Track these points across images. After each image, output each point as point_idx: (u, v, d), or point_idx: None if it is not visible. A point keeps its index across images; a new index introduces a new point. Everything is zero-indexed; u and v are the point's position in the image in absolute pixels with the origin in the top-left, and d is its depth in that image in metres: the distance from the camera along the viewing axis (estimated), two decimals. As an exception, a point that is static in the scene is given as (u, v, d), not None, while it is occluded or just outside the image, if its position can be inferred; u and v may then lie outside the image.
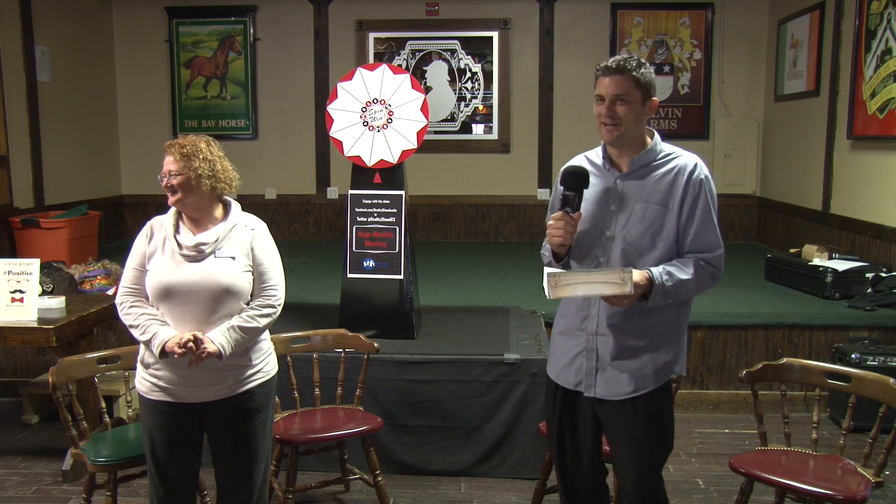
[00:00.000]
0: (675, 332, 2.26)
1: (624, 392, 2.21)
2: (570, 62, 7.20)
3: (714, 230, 2.18)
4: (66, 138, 6.52)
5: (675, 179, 2.17)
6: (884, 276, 4.63)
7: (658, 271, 2.11)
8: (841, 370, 2.71)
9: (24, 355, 4.50)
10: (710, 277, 2.19)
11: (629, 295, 2.04)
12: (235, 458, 2.45)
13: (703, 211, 2.16)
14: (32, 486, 3.46)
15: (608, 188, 2.23)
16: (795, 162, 6.45)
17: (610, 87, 2.15)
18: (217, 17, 7.41)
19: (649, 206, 2.17)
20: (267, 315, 2.43)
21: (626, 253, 2.17)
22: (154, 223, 2.46)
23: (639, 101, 2.15)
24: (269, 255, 2.49)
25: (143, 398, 2.43)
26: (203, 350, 2.30)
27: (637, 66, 2.15)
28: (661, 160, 2.21)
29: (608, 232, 2.21)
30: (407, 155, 3.86)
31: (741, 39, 7.15)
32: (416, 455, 3.57)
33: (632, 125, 2.16)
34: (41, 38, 6.15)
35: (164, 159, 2.40)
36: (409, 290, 3.90)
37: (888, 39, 4.90)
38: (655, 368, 2.22)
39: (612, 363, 2.21)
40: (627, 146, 2.21)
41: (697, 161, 2.21)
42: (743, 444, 3.89)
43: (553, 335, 2.41)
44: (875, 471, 2.51)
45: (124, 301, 2.41)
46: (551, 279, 2.05)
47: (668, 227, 2.17)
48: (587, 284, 2.05)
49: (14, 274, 3.38)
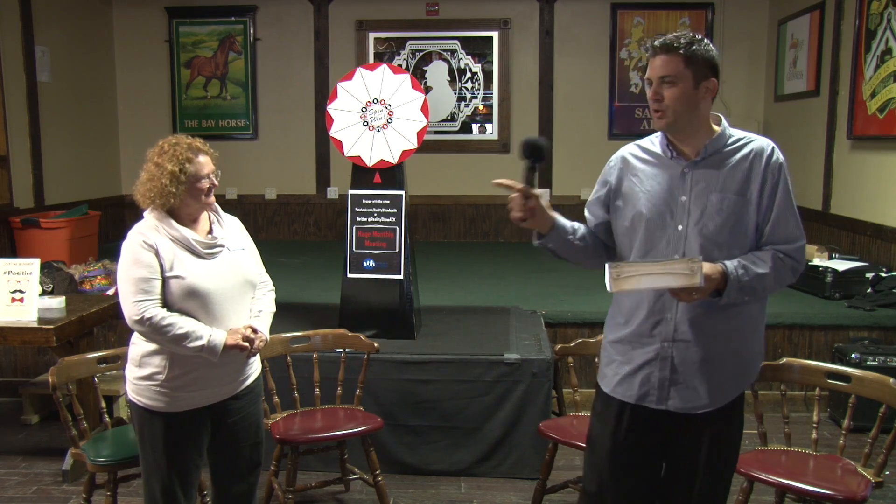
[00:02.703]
0: (754, 335, 2.08)
1: (700, 405, 2.01)
2: (570, 62, 7.20)
3: (795, 219, 1.99)
4: (66, 138, 6.52)
5: (753, 166, 1.97)
6: (884, 276, 4.63)
7: (733, 265, 1.91)
8: (841, 370, 2.71)
9: (24, 355, 4.49)
10: (790, 271, 1.99)
11: (700, 288, 1.84)
12: (248, 448, 2.48)
13: (783, 199, 1.97)
14: (32, 486, 3.46)
15: (674, 178, 2.01)
16: (795, 162, 6.43)
17: (656, 68, 1.95)
18: (217, 17, 7.40)
19: (727, 196, 1.96)
20: (273, 299, 2.57)
21: (705, 248, 1.96)
22: (148, 231, 2.31)
23: (689, 83, 1.93)
24: (253, 244, 2.59)
25: (155, 415, 2.32)
26: (260, 339, 2.37)
27: (689, 44, 1.92)
28: (734, 145, 2.00)
29: (680, 226, 1.99)
30: (407, 155, 3.86)
31: (741, 39, 7.15)
32: (416, 455, 3.57)
33: (682, 110, 1.95)
34: (41, 38, 6.15)
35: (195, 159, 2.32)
36: (409, 290, 3.90)
37: (888, 39, 4.90)
38: (735, 377, 2.05)
39: (691, 373, 1.99)
40: (691, 132, 2.00)
41: (773, 145, 2.01)
42: (743, 444, 3.87)
43: (607, 343, 2.15)
44: (875, 471, 2.51)
45: (155, 314, 2.23)
46: (613, 270, 1.87)
47: (749, 219, 1.97)
48: (652, 276, 1.86)
49: (14, 274, 3.38)
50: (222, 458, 2.48)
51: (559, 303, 4.63)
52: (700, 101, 1.97)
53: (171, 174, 2.31)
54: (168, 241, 2.31)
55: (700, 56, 1.93)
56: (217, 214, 2.48)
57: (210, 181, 2.37)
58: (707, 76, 1.95)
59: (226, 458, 2.48)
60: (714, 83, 1.97)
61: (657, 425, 2.06)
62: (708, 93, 1.97)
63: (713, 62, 1.96)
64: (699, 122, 2.00)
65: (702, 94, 1.96)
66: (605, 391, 2.13)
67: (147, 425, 2.35)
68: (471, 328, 4.11)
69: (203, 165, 2.36)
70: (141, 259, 2.27)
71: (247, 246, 2.51)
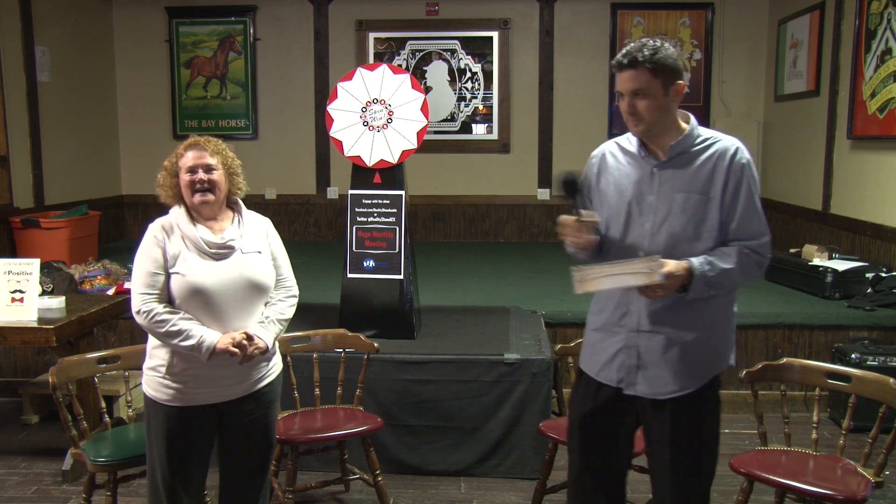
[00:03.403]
0: (721, 325, 2.16)
1: (666, 391, 2.10)
2: (570, 62, 7.20)
3: (758, 216, 2.07)
4: (66, 138, 6.52)
5: (717, 166, 2.06)
6: (884, 276, 4.63)
7: (699, 261, 2.01)
8: (841, 370, 2.70)
9: (24, 355, 4.50)
10: (755, 266, 2.08)
11: (663, 285, 1.94)
12: (256, 451, 2.47)
13: (747, 197, 2.05)
14: (32, 486, 3.46)
15: (644, 177, 2.12)
16: (795, 162, 6.45)
17: (626, 82, 2.04)
18: (217, 17, 7.41)
19: (691, 195, 2.06)
20: (292, 305, 2.55)
21: (670, 245, 2.06)
22: (163, 225, 2.38)
23: (660, 92, 2.03)
24: (282, 248, 2.57)
25: (160, 406, 2.36)
26: (255, 346, 2.33)
27: (653, 54, 2.01)
28: (700, 145, 2.10)
29: (648, 224, 2.10)
30: (407, 155, 3.86)
31: (741, 39, 7.15)
32: (416, 455, 3.57)
33: (656, 117, 2.05)
34: (41, 38, 6.15)
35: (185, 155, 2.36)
36: (409, 290, 3.90)
37: (888, 39, 4.90)
38: (700, 365, 2.12)
39: (654, 361, 2.11)
40: (661, 134, 2.10)
41: (738, 145, 2.10)
42: (743, 444, 3.89)
43: (588, 331, 2.29)
44: (875, 471, 2.51)
45: (152, 308, 2.29)
46: (577, 273, 1.99)
47: (712, 216, 2.06)
48: (614, 276, 1.97)
49: (14, 274, 3.38)
50: (229, 459, 2.47)
51: (559, 303, 4.63)
52: (670, 105, 2.08)
53: (164, 168, 2.43)
54: (178, 238, 2.35)
55: (665, 64, 2.03)
56: (240, 216, 2.47)
57: (196, 176, 2.34)
58: (673, 80, 2.05)
59: (233, 459, 2.47)
60: (681, 85, 2.07)
61: (630, 409, 2.19)
62: (677, 95, 2.07)
63: (677, 66, 2.05)
64: (668, 125, 2.10)
65: (671, 98, 2.06)
66: (590, 375, 2.25)
67: (152, 415, 2.39)
68: (471, 328, 4.11)
69: (188, 159, 2.35)
70: (149, 253, 2.33)
71: (265, 250, 2.47)
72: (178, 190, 2.38)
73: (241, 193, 2.49)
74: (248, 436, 2.45)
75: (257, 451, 2.48)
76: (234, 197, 2.49)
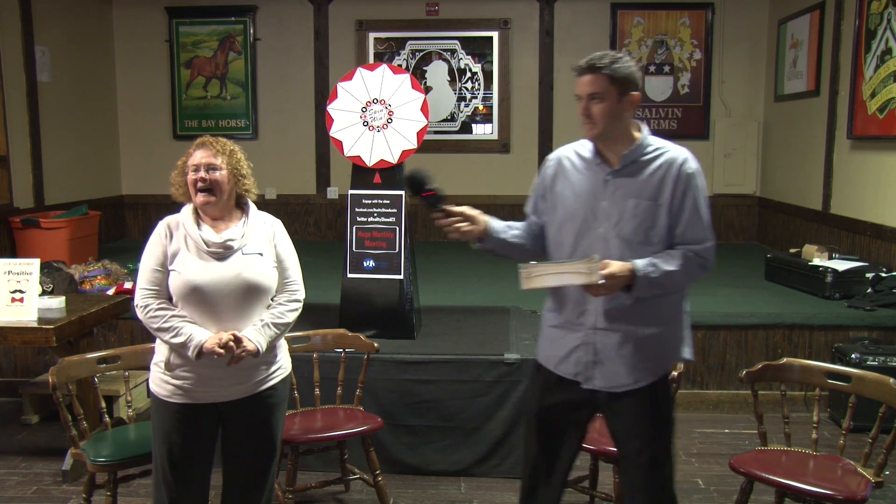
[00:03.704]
0: (674, 321, 2.26)
1: (621, 384, 2.20)
2: (570, 62, 7.10)
3: (703, 223, 2.18)
4: (66, 138, 6.52)
5: (666, 174, 2.17)
6: (884, 276, 4.63)
7: (643, 263, 2.11)
8: (841, 370, 2.71)
9: (24, 355, 4.50)
10: (700, 268, 2.19)
11: (604, 285, 2.04)
12: (256, 454, 2.46)
13: (692, 204, 2.17)
14: (32, 486, 3.46)
15: (598, 184, 2.22)
16: (795, 162, 6.45)
17: (583, 86, 2.17)
18: (217, 17, 7.41)
19: (641, 201, 2.17)
20: (294, 310, 2.51)
21: (622, 249, 2.17)
22: (170, 222, 2.41)
23: (615, 98, 2.14)
24: (290, 251, 2.56)
25: (161, 402, 2.38)
26: (243, 349, 2.32)
27: (610, 63, 2.13)
28: (651, 154, 2.20)
29: (601, 229, 2.20)
30: (407, 155, 3.86)
31: (741, 39, 7.15)
32: (416, 455, 3.57)
33: (609, 123, 2.15)
34: (41, 38, 6.15)
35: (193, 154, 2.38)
36: (409, 290, 3.90)
37: (888, 39, 4.90)
38: (654, 359, 2.22)
39: (610, 357, 2.20)
40: (614, 142, 2.21)
41: (687, 155, 2.21)
42: (743, 444, 3.89)
43: (546, 327, 2.38)
44: (875, 471, 2.51)
45: (149, 304, 2.34)
46: (523, 270, 2.10)
47: (661, 222, 2.17)
48: (557, 275, 2.09)
49: (14, 274, 3.38)
50: (231, 460, 2.47)
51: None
52: (623, 113, 2.17)
53: (177, 167, 2.45)
54: (181, 236, 2.38)
55: (622, 73, 2.14)
56: (246, 216, 2.48)
57: (198, 175, 2.35)
58: (628, 90, 2.16)
59: (234, 461, 2.46)
60: (636, 96, 2.18)
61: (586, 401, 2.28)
62: (630, 105, 2.18)
63: (634, 77, 2.17)
64: (622, 131, 2.20)
65: (625, 107, 2.17)
66: (549, 368, 2.33)
67: (154, 411, 2.43)
68: (471, 328, 4.11)
69: (195, 158, 2.38)
70: (152, 250, 2.39)
71: (268, 252, 2.46)
72: (187, 189, 2.41)
73: (250, 195, 2.50)
74: (250, 438, 2.44)
75: (259, 454, 2.47)
76: (243, 198, 2.50)
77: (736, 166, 7.18)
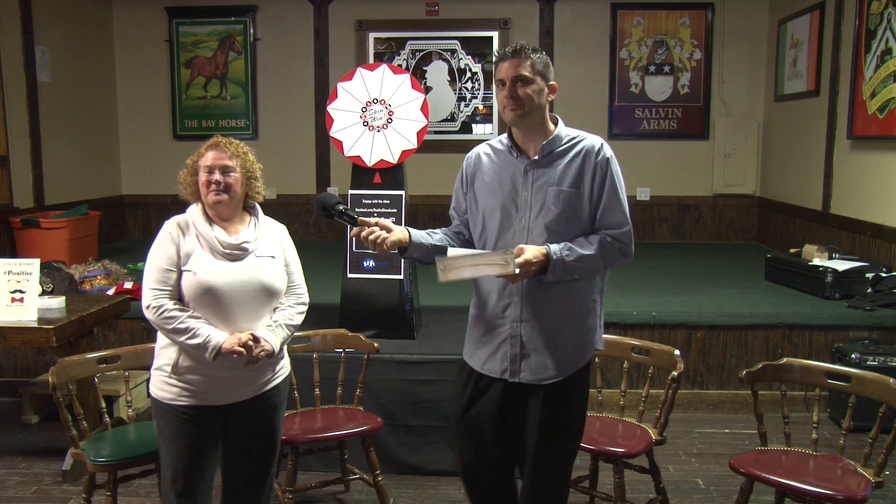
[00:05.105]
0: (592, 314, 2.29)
1: (549, 376, 2.23)
2: (570, 62, 7.20)
3: (621, 208, 2.22)
4: (66, 138, 6.52)
5: (584, 161, 2.21)
6: (884, 276, 4.63)
7: (558, 247, 2.14)
8: (841, 370, 2.71)
9: (24, 355, 4.50)
10: (618, 253, 2.22)
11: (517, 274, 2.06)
12: (258, 454, 2.47)
13: (610, 190, 2.20)
14: (32, 486, 3.46)
15: (517, 176, 2.25)
16: (795, 162, 6.44)
17: (509, 69, 2.18)
18: (217, 17, 7.41)
19: (562, 189, 2.20)
20: (302, 312, 2.55)
21: (545, 237, 2.19)
22: (179, 222, 2.40)
23: (539, 83, 2.19)
24: (295, 255, 2.59)
25: (165, 406, 2.37)
26: (261, 349, 2.33)
27: (534, 51, 2.20)
28: (568, 144, 2.24)
29: (523, 219, 2.23)
30: (407, 155, 3.86)
31: (741, 39, 7.15)
32: (416, 455, 3.57)
33: (535, 106, 2.18)
34: (41, 38, 6.15)
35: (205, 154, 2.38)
36: (409, 290, 3.90)
37: (888, 39, 4.90)
38: (577, 349, 2.26)
39: (537, 348, 2.23)
40: (532, 131, 2.24)
41: (602, 142, 2.25)
42: (743, 444, 3.89)
43: (471, 325, 2.39)
44: (875, 471, 2.51)
45: (163, 305, 2.30)
46: (440, 263, 2.12)
47: (583, 209, 2.21)
48: (473, 267, 2.12)
49: (14, 274, 3.38)
50: (232, 461, 2.47)
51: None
52: (545, 100, 2.22)
53: (186, 166, 2.45)
54: (193, 236, 2.37)
55: (543, 61, 2.21)
56: (256, 219, 2.49)
57: (213, 176, 2.36)
58: (548, 79, 2.23)
59: (236, 461, 2.47)
60: (554, 86, 2.25)
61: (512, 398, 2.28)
62: (551, 93, 2.24)
63: (550, 69, 2.24)
64: (541, 121, 2.24)
65: (546, 95, 2.22)
66: (475, 368, 2.34)
67: (158, 415, 2.41)
68: (471, 328, 4.10)
69: (207, 159, 2.38)
70: (164, 249, 2.35)
71: (279, 255, 2.48)
72: (197, 188, 2.41)
73: (259, 197, 2.51)
74: (252, 438, 2.45)
75: (260, 454, 2.48)
76: (251, 201, 2.51)
77: (736, 166, 7.18)
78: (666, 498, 2.98)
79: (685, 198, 7.23)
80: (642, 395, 3.01)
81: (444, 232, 2.42)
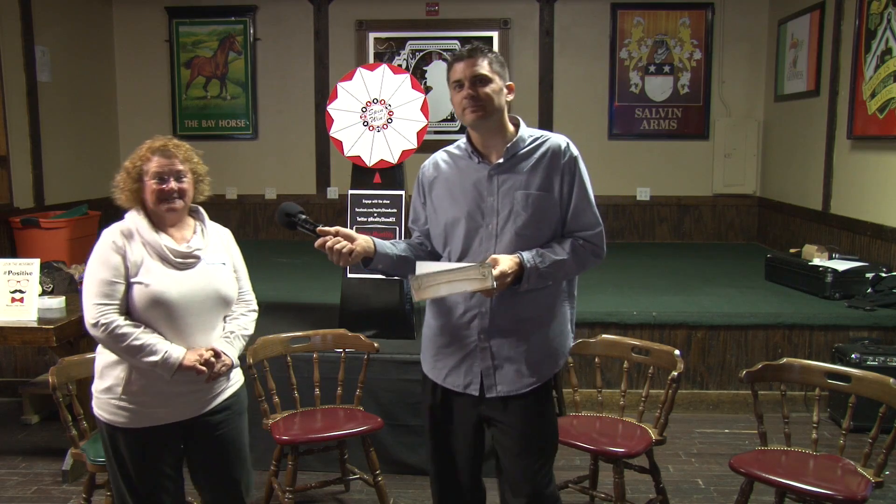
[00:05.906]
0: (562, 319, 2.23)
1: (526, 384, 2.16)
2: (570, 62, 7.20)
3: (591, 209, 2.17)
4: (66, 138, 6.52)
5: (552, 162, 2.14)
6: (884, 276, 4.63)
7: (530, 255, 2.07)
8: (841, 370, 2.71)
9: (24, 355, 4.50)
10: (591, 255, 2.17)
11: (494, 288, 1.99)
12: (227, 467, 2.36)
13: (580, 190, 2.15)
14: (32, 486, 3.46)
15: (481, 181, 2.16)
16: (795, 162, 6.45)
17: (466, 69, 2.11)
18: (217, 17, 7.41)
19: (531, 193, 2.12)
20: (254, 320, 2.46)
21: (515, 243, 2.11)
22: (122, 230, 2.24)
23: (499, 82, 2.13)
24: (241, 260, 2.48)
25: (118, 430, 2.20)
26: (222, 363, 2.24)
27: (490, 51, 2.15)
28: (532, 145, 2.17)
29: (491, 226, 2.14)
30: (407, 155, 3.86)
31: (741, 39, 7.15)
32: (416, 455, 3.57)
33: (494, 107, 2.11)
34: (41, 38, 6.15)
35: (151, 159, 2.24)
36: (409, 290, 3.89)
37: (888, 39, 4.90)
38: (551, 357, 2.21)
39: (510, 357, 2.15)
40: (493, 133, 2.16)
41: (568, 141, 2.19)
42: (743, 444, 3.89)
43: (430, 336, 2.30)
44: (875, 471, 2.51)
45: (112, 321, 2.13)
46: (413, 282, 2.02)
47: (553, 212, 2.14)
48: (449, 283, 2.02)
49: (14, 274, 3.38)
50: (202, 479, 2.37)
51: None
52: (504, 101, 2.16)
53: (124, 170, 2.30)
54: (139, 245, 2.22)
55: (500, 60, 2.16)
56: (202, 224, 2.37)
57: (163, 183, 2.22)
58: (506, 79, 2.17)
59: (205, 479, 2.36)
60: (512, 86, 2.19)
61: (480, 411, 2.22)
62: (509, 93, 2.17)
63: (506, 69, 2.18)
64: (501, 123, 2.17)
65: (505, 95, 2.16)
66: (436, 382, 2.27)
67: (109, 441, 2.24)
68: (471, 328, 4.10)
69: (155, 164, 2.23)
70: (108, 260, 2.18)
71: (228, 261, 2.37)
72: (140, 194, 2.26)
73: (202, 198, 2.37)
74: (218, 452, 2.34)
75: (230, 467, 2.36)
76: (194, 204, 2.37)
77: (736, 166, 7.18)
78: (666, 498, 2.98)
79: (685, 198, 7.23)
80: (642, 395, 3.01)
81: (408, 243, 2.32)
